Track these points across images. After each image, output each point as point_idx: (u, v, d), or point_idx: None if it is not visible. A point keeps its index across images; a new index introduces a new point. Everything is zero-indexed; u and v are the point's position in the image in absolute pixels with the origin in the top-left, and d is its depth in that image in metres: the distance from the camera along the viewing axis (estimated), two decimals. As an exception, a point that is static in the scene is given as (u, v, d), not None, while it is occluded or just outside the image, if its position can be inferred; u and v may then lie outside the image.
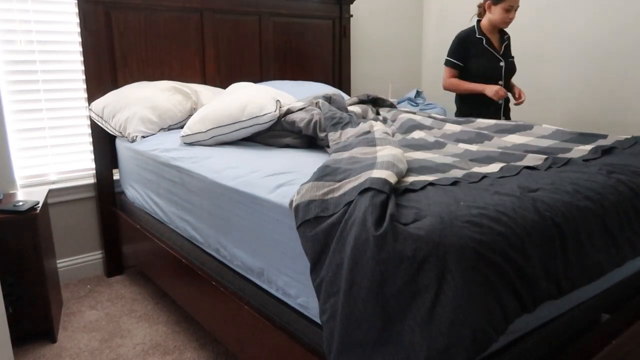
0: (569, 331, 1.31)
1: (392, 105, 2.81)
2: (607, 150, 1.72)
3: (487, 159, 1.65)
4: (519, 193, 1.21)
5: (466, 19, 3.65)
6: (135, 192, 2.34)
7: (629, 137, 1.91)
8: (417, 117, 2.45)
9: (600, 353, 1.25)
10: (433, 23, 3.91)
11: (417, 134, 2.16)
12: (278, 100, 2.12)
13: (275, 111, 2.03)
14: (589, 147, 1.80)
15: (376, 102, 2.76)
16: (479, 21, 2.79)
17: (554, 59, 3.19)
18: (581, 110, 3.10)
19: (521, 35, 3.34)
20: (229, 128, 2.02)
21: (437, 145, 1.94)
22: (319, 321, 1.27)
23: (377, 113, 2.66)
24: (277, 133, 2.07)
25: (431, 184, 1.27)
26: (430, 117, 2.54)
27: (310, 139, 2.02)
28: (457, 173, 1.42)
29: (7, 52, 2.29)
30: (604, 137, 1.95)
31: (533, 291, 1.06)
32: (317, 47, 3.27)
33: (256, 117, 2.00)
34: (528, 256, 1.06)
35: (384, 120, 2.46)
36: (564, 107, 3.20)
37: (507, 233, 1.04)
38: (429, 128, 2.29)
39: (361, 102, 2.61)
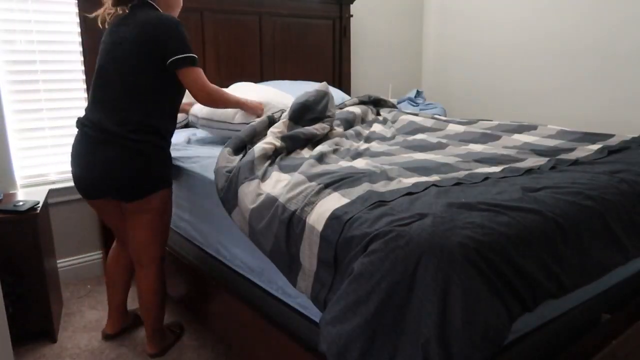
0: (569, 331, 1.31)
1: (393, 106, 2.81)
2: (614, 150, 1.72)
3: (490, 160, 1.65)
4: (521, 193, 1.21)
5: (467, 19, 3.66)
6: (135, 192, 2.34)
7: (635, 136, 1.90)
8: (419, 119, 2.46)
9: (600, 353, 1.25)
10: (433, 23, 3.91)
11: (419, 136, 2.16)
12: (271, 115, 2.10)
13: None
14: (594, 147, 1.80)
15: (378, 103, 2.76)
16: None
17: (554, 57, 3.19)
18: (583, 111, 3.10)
19: (522, 33, 3.34)
20: (219, 125, 2.10)
21: (440, 146, 1.94)
22: (318, 321, 1.27)
23: (378, 114, 2.66)
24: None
25: (434, 185, 1.27)
26: (433, 117, 2.54)
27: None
28: (459, 174, 1.43)
29: (7, 52, 2.29)
30: (611, 136, 1.95)
31: (534, 290, 1.06)
32: (317, 47, 3.27)
33: (245, 124, 2.00)
34: (529, 256, 1.06)
35: (384, 121, 2.46)
36: (564, 107, 3.20)
37: (508, 233, 1.04)
38: (432, 130, 2.30)
39: (362, 102, 2.61)
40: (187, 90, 1.69)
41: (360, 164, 1.54)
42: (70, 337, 2.06)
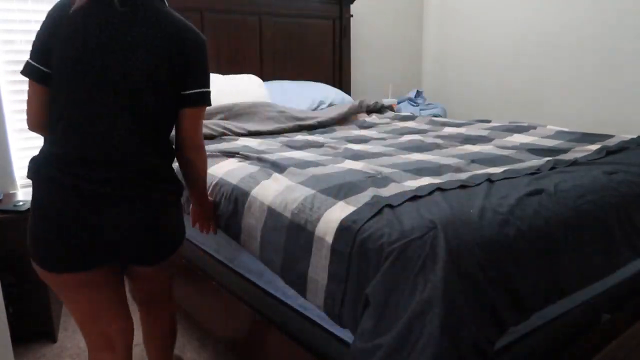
0: (569, 331, 1.31)
1: (391, 109, 2.86)
2: (612, 151, 1.72)
3: (489, 161, 1.64)
4: (524, 198, 1.20)
5: (467, 19, 3.66)
6: (136, 192, 2.34)
7: (634, 137, 1.90)
8: (412, 124, 2.49)
9: (600, 353, 1.26)
10: (433, 23, 3.91)
11: (415, 136, 2.16)
12: None
13: None
14: (593, 147, 1.79)
15: (375, 108, 2.81)
16: None
17: (555, 58, 3.19)
18: (583, 111, 3.10)
19: (522, 33, 3.34)
20: None
21: (437, 147, 1.94)
22: (318, 321, 1.27)
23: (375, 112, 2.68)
24: None
25: (438, 188, 1.26)
26: (430, 121, 2.56)
27: None
28: (460, 176, 1.42)
29: (7, 52, 2.29)
30: (610, 137, 1.94)
31: (533, 297, 1.07)
32: (318, 47, 3.27)
33: None
34: (532, 265, 1.09)
35: (371, 126, 2.49)
36: (564, 107, 3.20)
37: (514, 247, 1.06)
38: (425, 132, 2.30)
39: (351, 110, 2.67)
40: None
41: (357, 165, 1.54)
42: (70, 337, 2.06)
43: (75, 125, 1.09)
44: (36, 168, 1.11)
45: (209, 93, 1.22)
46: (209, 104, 1.23)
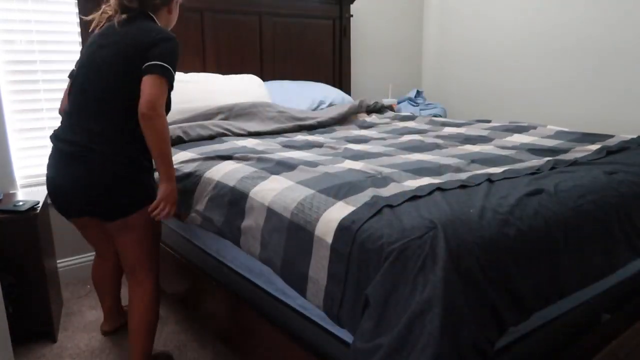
0: (569, 331, 1.31)
1: (391, 108, 2.87)
2: (612, 151, 1.72)
3: (489, 161, 1.64)
4: (524, 198, 1.20)
5: (467, 19, 3.66)
6: (135, 192, 2.34)
7: (634, 137, 1.90)
8: (412, 124, 2.49)
9: (600, 353, 1.26)
10: (433, 23, 3.91)
11: (415, 136, 2.16)
12: None
13: None
14: (593, 147, 1.80)
15: (375, 108, 2.82)
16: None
17: (555, 57, 3.19)
18: (584, 110, 3.10)
19: (523, 33, 3.34)
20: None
21: (437, 147, 1.94)
22: (318, 321, 1.27)
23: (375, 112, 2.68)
24: None
25: (438, 188, 1.26)
26: (430, 121, 2.56)
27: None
28: (461, 175, 1.42)
29: (7, 52, 2.29)
30: (610, 137, 1.94)
31: (534, 299, 1.07)
32: (318, 47, 3.27)
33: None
34: (533, 266, 1.09)
35: (371, 126, 2.49)
36: (565, 107, 3.20)
37: (515, 247, 1.06)
38: (425, 132, 2.30)
39: (352, 109, 2.68)
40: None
41: (357, 165, 1.54)
42: (70, 337, 2.06)
43: (70, 109, 1.55)
44: (51, 136, 1.57)
45: (163, 67, 1.44)
46: (164, 76, 1.43)
